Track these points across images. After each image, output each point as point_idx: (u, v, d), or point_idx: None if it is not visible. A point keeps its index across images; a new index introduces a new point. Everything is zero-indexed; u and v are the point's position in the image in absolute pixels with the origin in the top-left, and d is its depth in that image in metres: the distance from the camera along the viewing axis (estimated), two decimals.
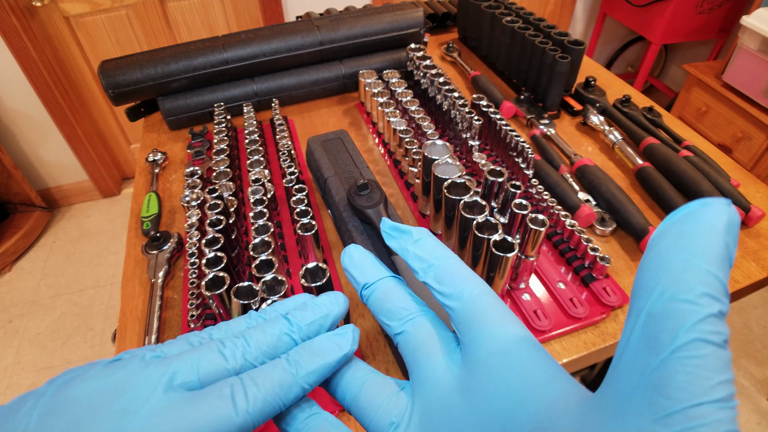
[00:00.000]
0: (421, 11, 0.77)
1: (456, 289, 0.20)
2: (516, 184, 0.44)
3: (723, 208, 0.13)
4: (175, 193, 0.62)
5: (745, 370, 1.26)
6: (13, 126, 1.62)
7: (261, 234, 0.43)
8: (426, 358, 0.20)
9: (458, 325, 0.19)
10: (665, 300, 0.13)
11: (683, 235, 0.13)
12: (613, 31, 2.19)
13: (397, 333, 0.21)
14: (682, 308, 0.12)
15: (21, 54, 1.45)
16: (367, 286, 0.22)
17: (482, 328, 0.19)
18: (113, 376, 0.18)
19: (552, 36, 0.68)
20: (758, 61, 1.31)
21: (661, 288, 0.13)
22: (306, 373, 0.20)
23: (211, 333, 0.21)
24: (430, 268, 0.21)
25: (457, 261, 0.21)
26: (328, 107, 0.77)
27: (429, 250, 0.21)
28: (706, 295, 0.12)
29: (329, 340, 0.21)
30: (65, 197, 1.86)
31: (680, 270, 0.13)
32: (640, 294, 0.14)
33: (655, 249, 0.14)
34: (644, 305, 0.13)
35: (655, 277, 0.13)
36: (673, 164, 0.55)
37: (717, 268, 0.13)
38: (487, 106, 0.58)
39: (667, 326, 0.12)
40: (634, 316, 0.14)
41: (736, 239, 0.13)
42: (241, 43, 0.69)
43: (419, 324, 0.21)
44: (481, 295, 0.19)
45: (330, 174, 0.51)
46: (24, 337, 1.41)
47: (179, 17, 1.59)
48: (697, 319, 0.12)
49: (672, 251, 0.13)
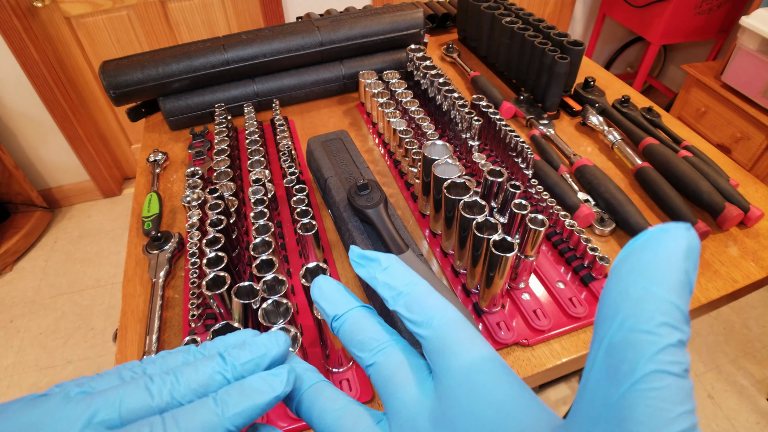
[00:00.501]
0: (421, 12, 0.77)
1: (426, 316, 0.19)
2: (515, 184, 0.45)
3: (682, 233, 0.13)
4: (176, 193, 0.62)
5: (744, 370, 1.26)
6: (14, 126, 1.62)
7: (261, 234, 0.43)
8: (397, 389, 0.19)
9: (429, 353, 0.19)
10: (625, 330, 0.13)
11: (642, 262, 0.13)
12: (612, 32, 2.19)
13: (368, 365, 0.21)
14: (641, 338, 0.12)
15: (22, 54, 1.46)
16: (336, 317, 0.22)
17: (452, 357, 0.18)
18: (32, 413, 0.17)
19: (551, 36, 0.68)
20: (757, 61, 1.31)
21: (620, 317, 0.13)
22: (233, 414, 0.18)
23: (146, 368, 0.20)
24: (400, 296, 0.20)
25: (426, 288, 0.21)
26: (329, 108, 0.77)
27: (398, 278, 0.21)
28: (665, 324, 0.12)
29: (262, 380, 0.20)
30: (66, 197, 1.86)
31: (639, 299, 0.13)
32: (601, 323, 0.14)
33: (615, 277, 0.14)
34: (605, 334, 0.13)
35: (615, 306, 0.13)
36: (672, 164, 0.56)
37: (676, 296, 0.13)
38: (487, 107, 0.59)
39: (627, 357, 0.12)
40: (596, 345, 0.14)
41: (695, 265, 0.13)
42: (242, 43, 0.69)
43: (390, 354, 0.20)
44: (451, 322, 0.19)
45: (330, 174, 0.52)
46: (25, 337, 1.41)
47: (180, 18, 1.59)
48: (657, 350, 0.12)
49: (631, 279, 0.13)
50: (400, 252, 0.40)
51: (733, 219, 0.50)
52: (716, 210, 0.51)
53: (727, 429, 1.15)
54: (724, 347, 1.31)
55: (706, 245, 0.51)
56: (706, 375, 1.26)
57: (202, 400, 0.19)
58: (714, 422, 1.16)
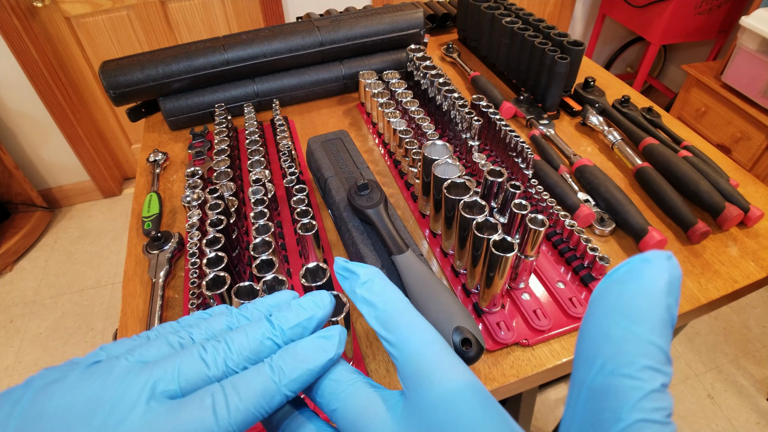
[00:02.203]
0: (421, 12, 0.77)
1: (401, 337, 0.18)
2: (515, 184, 0.45)
3: (663, 264, 0.13)
4: (176, 193, 0.62)
5: (744, 370, 1.26)
6: (14, 126, 1.62)
7: (261, 234, 0.43)
8: (367, 427, 0.18)
9: (404, 378, 0.18)
10: (606, 374, 0.12)
11: (622, 298, 0.13)
12: (612, 32, 2.19)
13: (331, 410, 0.19)
14: (623, 384, 0.12)
15: (22, 54, 1.46)
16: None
17: (429, 383, 0.17)
18: (93, 385, 0.17)
19: (551, 37, 0.68)
20: (757, 61, 1.31)
21: (601, 360, 0.13)
22: (289, 380, 0.19)
23: (191, 333, 0.20)
24: (377, 312, 0.19)
25: (405, 306, 0.20)
26: (329, 108, 0.77)
27: (376, 293, 0.20)
28: (648, 368, 0.12)
29: (314, 343, 0.20)
30: (66, 197, 1.86)
31: (620, 340, 0.12)
32: (581, 365, 0.13)
33: (594, 314, 0.13)
34: (585, 378, 0.13)
35: (595, 347, 0.13)
36: (673, 164, 0.56)
37: (658, 336, 0.12)
38: (487, 107, 0.59)
39: (609, 405, 0.12)
40: (576, 389, 0.13)
41: (677, 298, 0.13)
42: (242, 43, 0.69)
43: (351, 395, 0.19)
44: (426, 344, 0.18)
45: (330, 174, 0.52)
46: (25, 337, 1.41)
47: (180, 18, 1.59)
48: (639, 397, 0.12)
49: (612, 318, 0.13)
50: (400, 252, 0.40)
51: (733, 219, 0.50)
52: (716, 210, 0.51)
53: (727, 429, 1.15)
54: (723, 347, 1.31)
55: (706, 245, 0.51)
56: (706, 375, 1.26)
57: (258, 367, 0.19)
58: (714, 422, 1.16)
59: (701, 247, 0.51)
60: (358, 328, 0.44)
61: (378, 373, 0.41)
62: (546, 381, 0.43)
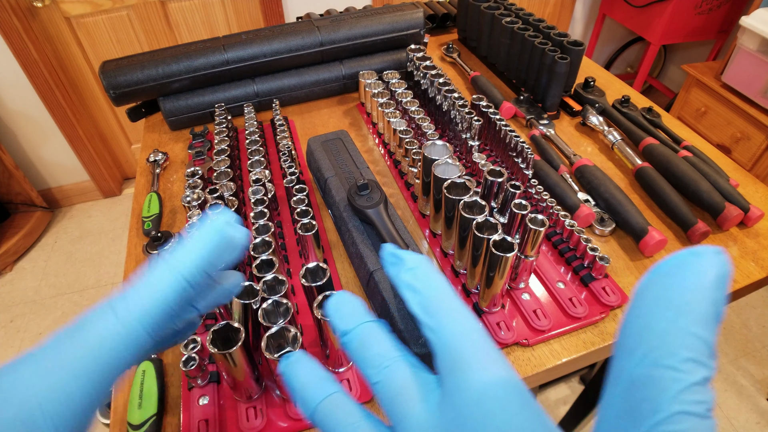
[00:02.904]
0: (421, 12, 0.77)
1: (441, 322, 0.18)
2: (515, 185, 0.45)
3: (712, 258, 0.13)
4: (176, 193, 0.62)
5: (744, 370, 1.26)
6: (15, 126, 1.62)
7: (261, 234, 0.43)
8: (403, 407, 0.18)
9: (441, 365, 0.18)
10: (647, 365, 0.12)
11: (669, 290, 0.13)
12: (612, 32, 2.19)
13: (374, 382, 0.20)
14: (664, 375, 0.12)
15: (22, 54, 1.46)
16: (345, 333, 0.21)
17: (464, 373, 0.17)
18: None
19: (551, 37, 0.68)
20: (757, 61, 1.31)
21: (643, 350, 0.12)
22: (179, 260, 0.20)
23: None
24: (419, 297, 0.20)
25: (448, 293, 0.20)
26: (329, 108, 0.77)
27: (421, 279, 0.20)
28: (690, 360, 0.12)
29: (205, 228, 0.21)
30: (66, 197, 1.86)
31: (664, 331, 0.12)
32: (621, 354, 0.13)
33: (639, 304, 0.13)
34: (625, 368, 0.13)
35: (638, 336, 0.13)
36: (673, 164, 0.56)
37: (703, 329, 0.12)
38: (487, 107, 0.59)
39: (649, 395, 0.12)
40: (615, 377, 0.13)
41: (725, 294, 0.13)
42: (242, 43, 0.69)
43: (395, 371, 0.19)
44: (466, 332, 0.18)
45: (330, 174, 0.52)
46: (25, 337, 1.41)
47: (180, 18, 1.59)
48: (680, 389, 0.12)
49: (657, 309, 0.13)
50: None
51: (733, 219, 0.50)
52: (716, 210, 0.51)
53: (727, 429, 1.15)
54: (723, 347, 1.31)
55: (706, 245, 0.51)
56: None
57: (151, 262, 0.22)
58: None
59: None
60: None
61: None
62: (546, 381, 0.43)
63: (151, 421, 0.37)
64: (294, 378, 0.21)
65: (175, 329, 0.23)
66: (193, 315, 0.23)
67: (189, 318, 0.23)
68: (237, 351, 0.32)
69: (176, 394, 0.40)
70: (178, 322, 0.22)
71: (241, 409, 0.37)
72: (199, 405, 0.37)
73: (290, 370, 0.21)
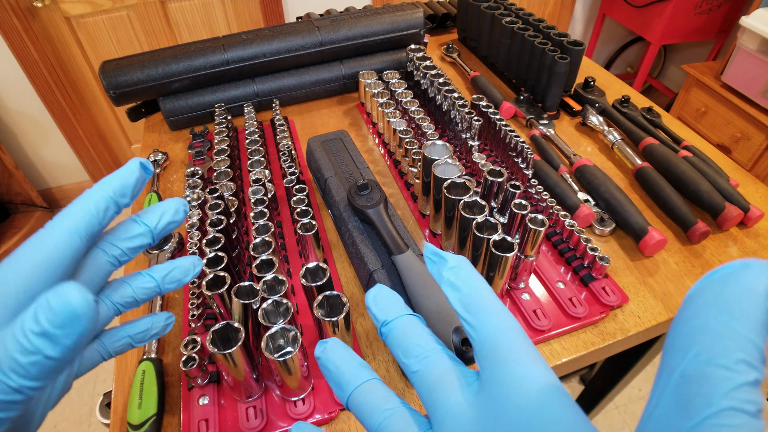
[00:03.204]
0: (421, 12, 0.77)
1: (482, 319, 0.19)
2: (515, 184, 0.45)
3: (763, 271, 0.13)
4: (176, 193, 0.62)
5: None
6: (15, 126, 1.62)
7: (261, 234, 0.43)
8: (441, 397, 0.19)
9: (480, 359, 0.19)
10: (700, 363, 0.13)
11: (722, 296, 0.13)
12: (612, 32, 2.19)
13: (413, 371, 0.20)
14: (717, 373, 0.12)
15: (22, 54, 1.46)
16: (386, 323, 0.22)
17: (504, 368, 0.18)
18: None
19: (551, 36, 0.68)
20: (757, 61, 1.31)
21: (696, 349, 0.13)
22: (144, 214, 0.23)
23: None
24: (460, 294, 0.20)
25: (488, 292, 0.20)
26: (329, 107, 0.77)
27: (463, 278, 0.21)
28: (743, 361, 0.12)
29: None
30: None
31: (718, 333, 0.13)
32: (672, 353, 0.14)
33: (691, 307, 0.14)
34: (677, 365, 0.13)
35: (691, 337, 0.13)
36: (672, 164, 0.56)
37: (756, 335, 0.12)
38: (487, 107, 0.59)
39: (701, 390, 0.12)
40: (666, 375, 0.13)
41: None
42: (242, 43, 0.69)
43: (435, 362, 0.20)
44: (506, 329, 0.19)
45: (330, 174, 0.52)
46: None
47: (180, 18, 1.59)
48: (732, 387, 0.12)
49: (710, 312, 0.13)
50: (400, 252, 0.40)
51: (733, 219, 0.50)
52: (716, 210, 0.51)
53: None
54: None
55: (706, 245, 0.51)
56: None
57: None
58: None
59: (701, 247, 0.51)
60: (358, 328, 0.44)
61: (378, 373, 0.40)
62: None
63: (151, 421, 0.37)
64: (330, 363, 0.21)
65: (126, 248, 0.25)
66: (145, 236, 0.24)
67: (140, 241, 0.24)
68: (237, 351, 0.32)
69: (176, 394, 0.40)
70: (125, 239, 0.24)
71: (241, 409, 0.37)
72: (199, 405, 0.37)
73: (327, 356, 0.22)
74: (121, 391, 0.41)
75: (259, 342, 0.32)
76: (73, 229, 0.21)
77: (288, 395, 0.37)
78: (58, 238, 0.21)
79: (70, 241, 0.21)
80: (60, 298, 0.16)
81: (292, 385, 0.35)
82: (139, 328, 0.25)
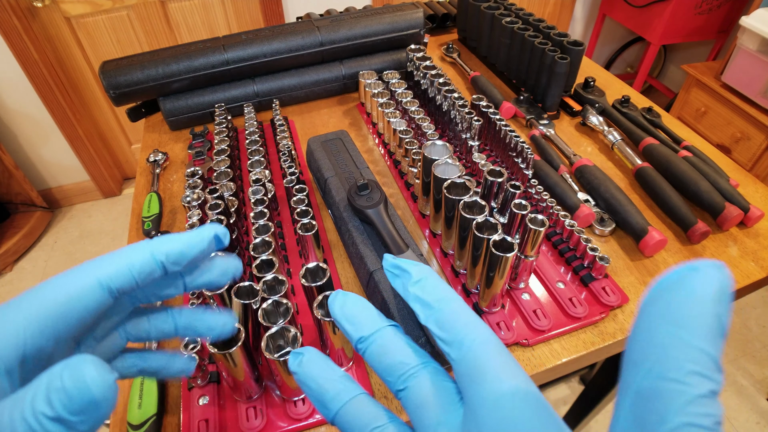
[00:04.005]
0: (421, 12, 0.77)
1: (457, 336, 0.18)
2: (515, 185, 0.45)
3: (713, 273, 0.13)
4: (176, 193, 0.62)
5: (744, 370, 1.26)
6: (15, 126, 1.62)
7: (261, 234, 0.43)
8: (428, 416, 0.18)
9: (459, 377, 0.18)
10: (652, 378, 0.12)
11: (670, 305, 0.13)
12: (612, 32, 2.19)
13: (398, 390, 0.20)
14: (669, 388, 0.12)
15: (22, 54, 1.46)
16: (362, 339, 0.20)
17: (481, 385, 0.17)
18: None
19: (551, 37, 0.68)
20: (757, 61, 1.31)
21: (648, 364, 0.13)
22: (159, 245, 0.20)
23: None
24: (431, 311, 0.19)
25: (460, 304, 0.20)
26: (329, 108, 0.77)
27: (430, 292, 0.20)
28: (695, 373, 0.12)
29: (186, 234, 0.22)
30: (66, 197, 1.86)
31: (667, 345, 0.12)
32: (627, 369, 0.13)
33: (642, 320, 0.13)
34: (632, 382, 0.13)
35: (642, 351, 0.13)
36: (673, 164, 0.56)
37: (707, 343, 0.12)
38: (487, 107, 0.59)
39: (655, 408, 0.12)
40: (623, 391, 0.13)
41: (728, 307, 0.13)
42: (242, 43, 0.69)
43: (420, 379, 0.19)
44: (483, 344, 0.18)
45: (330, 174, 0.52)
46: None
47: (180, 18, 1.59)
48: (686, 401, 0.12)
49: (659, 324, 0.13)
50: (400, 252, 0.40)
51: (733, 219, 0.50)
52: (716, 210, 0.51)
53: (727, 429, 1.15)
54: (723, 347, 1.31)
55: (706, 245, 0.51)
56: None
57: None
58: None
59: (701, 247, 0.51)
60: None
61: (376, 375, 0.40)
62: (546, 381, 0.43)
63: (151, 421, 0.37)
64: (310, 380, 0.20)
65: (158, 294, 0.23)
66: (177, 289, 0.23)
67: (171, 292, 0.23)
68: (237, 351, 0.32)
69: (176, 394, 0.40)
70: (156, 291, 0.23)
71: (241, 409, 0.37)
72: (199, 405, 0.37)
73: (304, 371, 0.20)
74: (121, 391, 0.41)
75: (259, 342, 0.32)
76: (105, 281, 0.19)
77: (288, 395, 0.37)
78: (86, 287, 0.19)
79: (100, 294, 0.19)
80: (76, 379, 0.14)
81: (292, 385, 0.35)
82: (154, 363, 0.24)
